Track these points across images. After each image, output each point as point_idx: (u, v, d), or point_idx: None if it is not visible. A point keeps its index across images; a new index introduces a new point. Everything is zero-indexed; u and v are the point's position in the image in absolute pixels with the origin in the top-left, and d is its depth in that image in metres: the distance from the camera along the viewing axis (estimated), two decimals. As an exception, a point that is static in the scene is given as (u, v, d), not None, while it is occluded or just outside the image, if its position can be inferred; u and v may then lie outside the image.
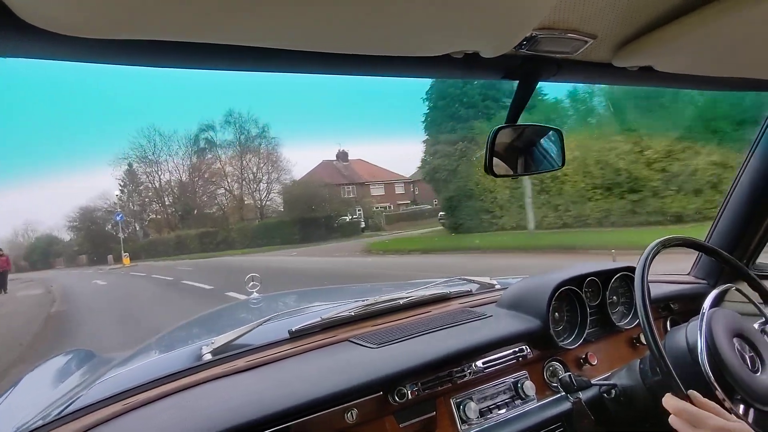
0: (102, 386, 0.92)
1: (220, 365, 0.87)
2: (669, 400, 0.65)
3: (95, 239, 29.77)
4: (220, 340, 0.96)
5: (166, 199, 30.16)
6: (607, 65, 0.76)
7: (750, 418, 0.71)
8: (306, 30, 0.53)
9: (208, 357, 0.92)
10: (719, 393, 0.69)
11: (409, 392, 0.81)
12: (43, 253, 33.31)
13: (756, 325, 0.84)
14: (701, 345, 0.74)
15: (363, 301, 1.07)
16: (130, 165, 29.57)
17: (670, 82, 0.89)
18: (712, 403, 0.65)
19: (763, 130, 1.13)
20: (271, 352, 0.90)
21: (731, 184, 1.22)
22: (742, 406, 0.71)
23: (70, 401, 0.85)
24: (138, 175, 29.76)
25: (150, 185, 30.17)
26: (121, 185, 30.17)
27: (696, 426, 0.60)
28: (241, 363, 0.87)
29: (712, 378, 0.71)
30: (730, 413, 0.66)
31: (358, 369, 0.81)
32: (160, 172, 29.54)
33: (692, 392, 0.66)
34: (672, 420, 0.63)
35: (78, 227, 31.82)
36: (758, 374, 0.75)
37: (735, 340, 0.78)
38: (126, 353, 1.24)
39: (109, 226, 30.64)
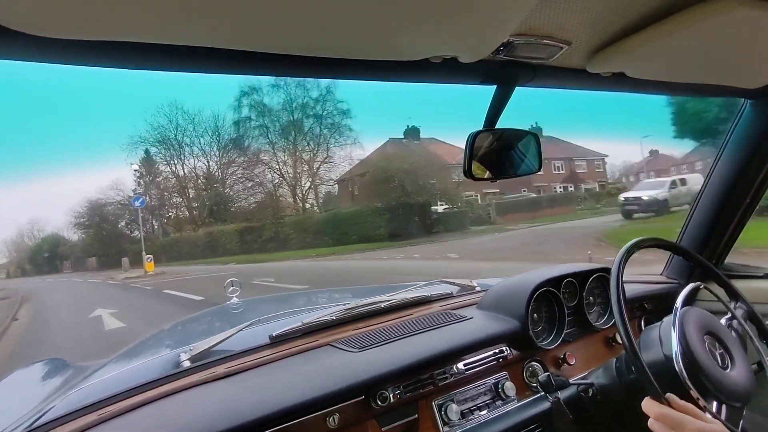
0: (76, 396, 0.89)
1: (198, 372, 0.85)
2: (649, 405, 0.65)
3: (106, 239, 25.28)
4: (199, 346, 0.94)
5: (190, 190, 24.79)
6: (582, 71, 0.79)
7: (723, 415, 0.73)
8: (287, 34, 0.53)
9: (186, 364, 0.90)
10: (693, 391, 0.71)
11: (391, 395, 0.81)
12: (48, 256, 29.11)
13: (723, 321, 0.86)
14: (674, 344, 0.76)
15: (344, 305, 1.07)
16: (147, 151, 24.37)
17: (642, 87, 0.92)
18: (691, 406, 0.65)
19: (729, 136, 1.18)
20: (251, 358, 0.89)
21: (701, 187, 1.27)
22: (715, 403, 0.73)
23: (41, 413, 0.82)
24: (157, 162, 24.60)
25: (172, 173, 24.84)
26: (137, 174, 25.02)
27: (675, 430, 0.61)
28: (220, 370, 0.85)
29: (686, 376, 0.72)
30: (704, 411, 0.68)
31: (340, 373, 0.81)
32: (183, 157, 24.27)
33: (670, 395, 0.67)
34: (651, 424, 0.64)
35: (86, 224, 26.66)
36: (728, 371, 0.77)
37: (706, 337, 0.80)
38: (101, 361, 1.20)
39: (123, 223, 25.86)
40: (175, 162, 24.59)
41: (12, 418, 0.88)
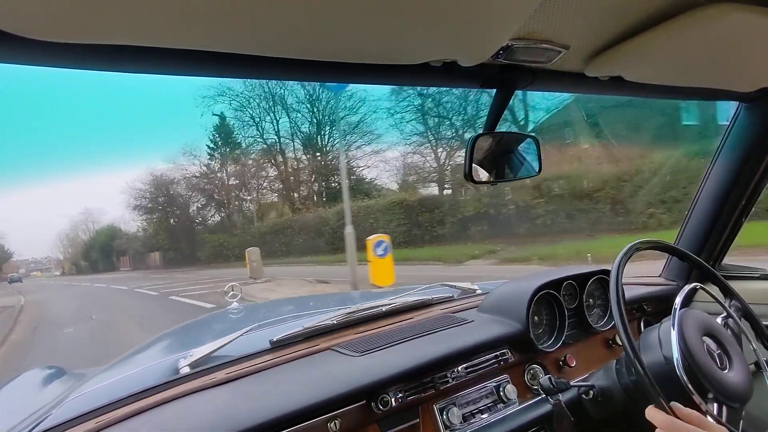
0: (73, 403, 0.88)
1: (198, 378, 0.84)
2: (653, 414, 0.65)
3: (175, 228, 18.72)
4: (199, 352, 0.94)
5: (283, 164, 17.65)
6: (580, 75, 0.80)
7: (723, 416, 0.73)
8: (288, 38, 0.54)
9: (185, 370, 0.89)
10: (693, 393, 0.71)
11: (392, 400, 0.80)
12: (103, 250, 24.57)
13: (719, 319, 0.87)
14: (673, 345, 0.76)
15: (345, 309, 1.07)
16: (221, 116, 18.14)
17: (639, 91, 0.93)
18: (696, 414, 0.65)
19: (725, 139, 1.19)
20: (252, 363, 0.88)
21: (697, 190, 1.28)
22: (715, 405, 0.73)
23: (38, 421, 0.81)
24: (233, 130, 17.75)
25: (260, 140, 17.81)
26: (210, 146, 18.54)
27: None
28: (220, 375, 0.84)
29: (686, 378, 0.73)
30: (705, 413, 0.68)
31: (341, 378, 0.80)
32: (276, 113, 17.44)
33: (675, 404, 0.66)
34: None
35: (148, 207, 19.83)
36: (726, 372, 0.78)
37: (704, 338, 0.81)
38: (98, 369, 1.19)
39: (193, 208, 18.88)
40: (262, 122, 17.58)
41: (8, 427, 0.87)
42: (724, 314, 0.88)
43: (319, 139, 18.94)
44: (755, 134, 1.13)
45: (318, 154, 19.01)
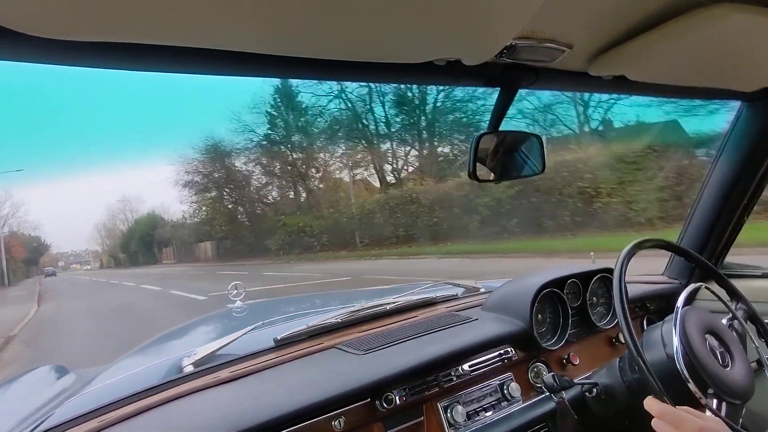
0: (76, 402, 0.88)
1: (202, 377, 0.84)
2: (650, 403, 0.66)
3: (234, 211, 13.22)
4: (203, 350, 0.94)
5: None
6: (583, 74, 0.80)
7: (723, 412, 0.73)
8: (293, 37, 0.54)
9: (189, 368, 0.89)
10: (693, 386, 0.72)
11: (396, 398, 0.80)
12: (143, 241, 20.38)
13: (724, 321, 0.87)
14: (676, 343, 0.77)
15: (349, 307, 1.07)
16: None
17: (642, 90, 0.93)
18: (688, 408, 0.66)
19: (727, 137, 1.19)
20: (256, 362, 0.88)
21: (700, 189, 1.28)
22: (715, 401, 0.74)
23: (41, 420, 0.81)
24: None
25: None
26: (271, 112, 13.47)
27: (677, 427, 0.62)
28: (224, 374, 0.85)
29: (687, 374, 0.73)
30: (705, 408, 0.68)
31: (345, 376, 0.80)
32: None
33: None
34: (654, 423, 0.64)
35: (202, 183, 14.39)
36: (728, 369, 0.78)
37: (707, 336, 0.81)
38: (101, 368, 1.19)
39: (259, 184, 13.41)
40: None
41: (9, 427, 0.87)
42: (730, 316, 0.89)
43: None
44: (757, 133, 1.13)
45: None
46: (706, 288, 0.87)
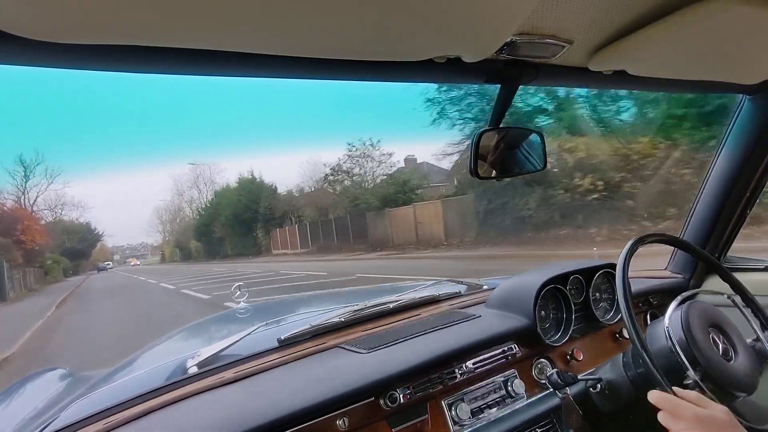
0: (81, 405, 0.88)
1: (206, 378, 0.84)
2: (652, 394, 0.67)
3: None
4: (207, 351, 0.94)
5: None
6: (584, 69, 0.79)
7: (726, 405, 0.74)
8: (291, 36, 0.54)
9: (194, 370, 0.90)
10: (693, 376, 0.73)
11: (401, 396, 0.81)
12: (236, 219, 17.83)
13: (727, 314, 0.87)
14: (679, 337, 0.77)
15: (352, 306, 1.07)
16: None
17: (642, 85, 0.93)
18: (694, 393, 0.67)
19: (729, 131, 1.19)
20: (260, 362, 0.88)
21: (702, 182, 1.28)
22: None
23: (47, 423, 0.81)
24: None
25: None
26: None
27: (677, 416, 0.62)
28: (228, 374, 0.85)
29: (690, 368, 0.73)
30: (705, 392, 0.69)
31: (349, 375, 0.80)
32: None
33: (676, 389, 0.68)
34: (659, 415, 0.65)
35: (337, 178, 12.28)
36: (731, 362, 0.78)
37: (710, 329, 0.81)
38: (105, 370, 1.19)
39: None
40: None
41: (15, 429, 0.87)
42: (731, 306, 0.89)
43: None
44: (759, 126, 1.13)
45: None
46: (709, 281, 0.87)
